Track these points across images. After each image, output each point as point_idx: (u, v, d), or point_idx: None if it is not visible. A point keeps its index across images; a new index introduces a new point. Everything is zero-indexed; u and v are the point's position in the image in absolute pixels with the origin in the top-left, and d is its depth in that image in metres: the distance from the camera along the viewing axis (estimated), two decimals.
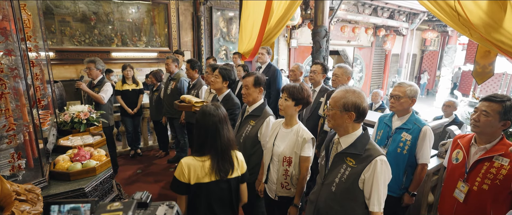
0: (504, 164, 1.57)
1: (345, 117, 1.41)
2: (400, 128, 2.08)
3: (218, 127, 1.50)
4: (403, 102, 2.03)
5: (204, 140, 1.49)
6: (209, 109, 1.52)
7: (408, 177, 2.09)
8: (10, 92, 1.41)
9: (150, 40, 6.53)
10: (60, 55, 5.57)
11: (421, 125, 2.01)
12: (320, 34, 4.77)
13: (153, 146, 5.05)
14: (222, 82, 2.49)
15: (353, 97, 1.40)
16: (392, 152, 2.08)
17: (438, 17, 2.47)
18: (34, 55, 2.20)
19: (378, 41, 11.29)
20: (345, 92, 1.43)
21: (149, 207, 0.79)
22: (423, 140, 1.98)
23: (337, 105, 1.42)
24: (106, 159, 1.91)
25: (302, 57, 9.38)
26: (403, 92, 2.02)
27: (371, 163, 1.35)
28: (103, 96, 3.43)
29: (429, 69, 13.85)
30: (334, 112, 1.43)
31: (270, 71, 3.98)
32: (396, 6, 9.02)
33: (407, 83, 2.06)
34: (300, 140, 1.82)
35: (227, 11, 7.31)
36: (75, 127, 2.52)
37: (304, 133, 1.83)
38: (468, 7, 2.19)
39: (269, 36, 4.46)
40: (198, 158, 1.47)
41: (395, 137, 2.10)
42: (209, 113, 1.50)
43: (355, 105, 1.39)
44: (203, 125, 1.49)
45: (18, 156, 1.42)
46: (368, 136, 1.45)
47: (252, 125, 2.16)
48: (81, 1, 5.60)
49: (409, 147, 2.01)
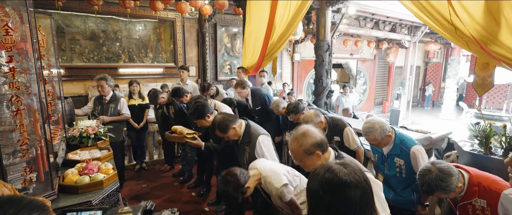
0: (484, 205, 1.57)
1: (313, 159, 1.39)
2: (391, 154, 2.14)
3: (368, 206, 0.85)
4: (383, 142, 2.07)
5: None
6: (341, 175, 0.85)
7: (417, 192, 2.14)
8: (25, 109, 1.49)
9: (156, 56, 6.71)
10: (69, 72, 5.75)
11: (408, 148, 2.04)
12: (322, 48, 4.88)
13: (158, 160, 5.08)
14: (206, 120, 2.51)
15: (307, 140, 1.37)
16: (393, 176, 2.16)
17: (436, 31, 2.53)
18: (47, 73, 2.30)
19: (381, 54, 11.38)
20: (297, 141, 1.40)
21: (153, 213, 0.89)
22: (416, 160, 2.02)
23: (300, 155, 1.40)
24: (113, 173, 1.95)
25: (305, 71, 9.49)
26: (376, 139, 2.03)
27: None
28: (127, 114, 3.76)
29: (434, 81, 13.82)
30: (302, 162, 1.42)
31: (256, 99, 3.93)
32: (398, 20, 9.15)
33: (371, 128, 2.01)
34: None
35: (231, 27, 7.50)
36: (83, 141, 2.58)
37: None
38: (464, 20, 2.24)
39: (272, 51, 4.56)
40: None
41: (389, 161, 2.17)
42: (346, 183, 0.84)
43: (313, 145, 1.37)
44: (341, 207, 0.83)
45: (30, 169, 1.48)
46: (341, 155, 1.49)
47: (248, 151, 2.20)
48: (91, 19, 5.84)
49: (406, 170, 2.07)
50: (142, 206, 1.01)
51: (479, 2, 2.17)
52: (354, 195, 0.83)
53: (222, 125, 2.12)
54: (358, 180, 0.85)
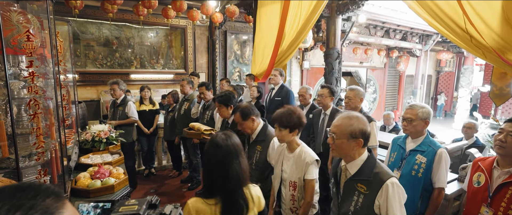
0: None
1: (352, 145, 1.37)
2: (415, 150, 2.03)
3: (227, 162, 1.29)
4: (416, 125, 2.00)
5: (212, 178, 1.30)
6: (218, 139, 1.33)
7: (423, 202, 2.02)
8: (41, 112, 1.52)
9: (167, 63, 6.82)
10: (83, 77, 5.89)
11: (436, 147, 1.96)
12: (332, 56, 4.85)
13: (166, 165, 5.11)
14: (226, 109, 2.55)
15: (359, 124, 1.37)
16: (407, 174, 2.02)
17: (450, 39, 2.49)
18: (63, 78, 2.37)
19: (391, 62, 11.25)
20: (349, 120, 1.39)
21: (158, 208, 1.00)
22: (439, 163, 1.92)
23: (343, 134, 1.38)
24: (124, 177, 1.97)
25: (315, 78, 9.45)
26: (415, 115, 1.99)
27: (382, 188, 1.33)
28: (134, 117, 3.95)
29: (446, 91, 13.54)
30: (341, 141, 1.38)
31: (282, 92, 4.04)
32: (409, 28, 9.06)
33: (419, 105, 2.03)
34: (303, 163, 1.81)
35: (241, 35, 7.57)
36: (95, 146, 2.62)
37: (306, 156, 1.82)
38: (480, 28, 2.20)
39: (281, 58, 4.57)
40: (207, 201, 1.26)
41: (409, 159, 2.05)
42: (218, 144, 1.31)
43: (362, 131, 1.36)
44: (211, 159, 1.31)
45: (44, 172, 1.50)
46: (374, 159, 1.43)
47: (260, 150, 2.19)
48: (105, 26, 5.99)
49: (424, 170, 1.95)
50: (148, 200, 1.14)
51: (495, 11, 2.13)
52: (218, 153, 1.29)
53: (246, 110, 2.16)
54: (226, 144, 1.31)
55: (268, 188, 2.16)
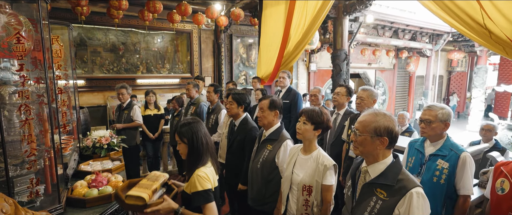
0: None
1: (376, 143, 1.26)
2: (435, 155, 1.87)
3: (199, 129, 1.53)
4: (435, 127, 1.85)
5: (202, 147, 1.50)
6: (188, 120, 1.56)
7: (447, 211, 1.86)
8: (35, 118, 1.45)
9: (173, 67, 6.80)
10: (89, 83, 5.91)
11: (459, 151, 1.80)
12: (340, 57, 4.72)
13: (172, 171, 5.04)
14: (237, 107, 2.47)
15: (385, 121, 1.26)
16: (428, 181, 1.85)
17: (467, 36, 2.34)
18: (63, 83, 2.32)
19: (400, 63, 11.00)
20: (375, 116, 1.29)
21: None
22: (463, 168, 1.76)
23: (367, 130, 1.28)
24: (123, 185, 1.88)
25: (322, 81, 9.30)
26: (434, 116, 1.84)
27: (405, 196, 1.20)
28: (138, 120, 3.97)
29: (458, 91, 13.15)
30: (363, 138, 1.28)
31: (290, 95, 3.93)
32: (418, 28, 8.84)
33: (438, 106, 1.88)
34: (321, 167, 1.70)
35: (246, 38, 7.52)
36: (96, 152, 2.56)
37: (325, 159, 1.72)
38: (499, 23, 2.05)
39: (287, 60, 4.47)
40: (206, 166, 1.51)
41: (429, 164, 1.89)
42: (189, 122, 1.55)
43: (387, 129, 1.26)
44: (194, 134, 1.51)
45: (37, 181, 1.43)
46: (400, 164, 1.30)
47: (270, 149, 2.10)
48: (111, 32, 6.02)
49: (447, 176, 1.79)
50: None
51: None
52: (193, 126, 1.52)
53: (276, 103, 2.15)
54: (193, 119, 1.57)
55: (271, 192, 2.07)
